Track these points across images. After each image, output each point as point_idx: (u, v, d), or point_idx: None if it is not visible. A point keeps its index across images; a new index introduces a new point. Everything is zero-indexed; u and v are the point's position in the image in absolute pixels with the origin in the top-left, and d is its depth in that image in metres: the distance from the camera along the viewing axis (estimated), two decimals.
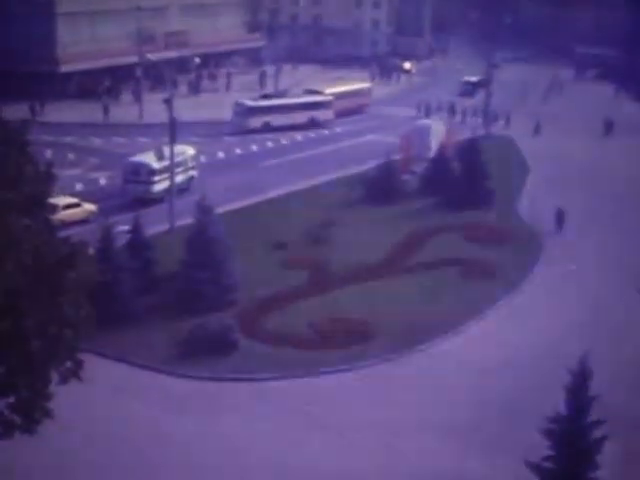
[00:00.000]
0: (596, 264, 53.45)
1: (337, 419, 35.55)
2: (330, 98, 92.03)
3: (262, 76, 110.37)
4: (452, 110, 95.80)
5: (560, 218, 58.15)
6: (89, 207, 56.48)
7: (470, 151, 65.29)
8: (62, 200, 53.34)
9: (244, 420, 35.28)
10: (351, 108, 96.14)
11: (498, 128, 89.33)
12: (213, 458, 32.72)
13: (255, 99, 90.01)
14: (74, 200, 56.16)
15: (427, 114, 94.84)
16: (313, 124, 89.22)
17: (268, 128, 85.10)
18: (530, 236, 57.65)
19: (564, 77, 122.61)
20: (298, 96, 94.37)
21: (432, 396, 37.65)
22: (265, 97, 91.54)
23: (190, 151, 65.44)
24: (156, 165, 59.64)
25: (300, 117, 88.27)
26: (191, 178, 64.25)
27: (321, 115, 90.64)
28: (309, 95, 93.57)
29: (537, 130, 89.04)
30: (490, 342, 42.71)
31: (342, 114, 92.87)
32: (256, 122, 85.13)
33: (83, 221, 54.54)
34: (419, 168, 69.47)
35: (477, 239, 55.86)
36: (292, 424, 35.09)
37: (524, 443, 30.46)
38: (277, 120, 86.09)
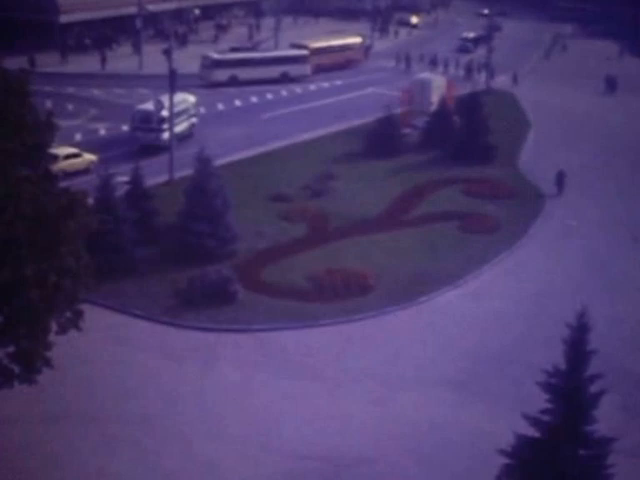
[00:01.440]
0: (595, 220, 53.47)
1: (335, 371, 35.71)
2: (305, 53, 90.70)
3: (251, 28, 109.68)
4: (434, 62, 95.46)
5: (560, 180, 57.68)
6: (89, 157, 56.45)
7: (471, 105, 65.03)
8: (63, 150, 53.42)
9: (243, 370, 35.46)
10: (340, 62, 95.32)
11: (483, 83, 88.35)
12: (212, 407, 32.91)
13: (223, 52, 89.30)
14: (74, 150, 56.21)
15: (407, 65, 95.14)
16: (286, 78, 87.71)
17: (235, 82, 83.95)
18: (530, 190, 57.54)
19: (566, 33, 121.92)
20: (269, 50, 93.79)
21: (431, 348, 37.78)
22: (235, 50, 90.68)
23: (191, 99, 66.38)
24: (166, 113, 59.58)
25: (271, 71, 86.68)
26: (193, 125, 65.20)
27: (295, 70, 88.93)
28: (285, 49, 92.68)
29: (515, 81, 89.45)
30: (489, 295, 42.82)
31: (330, 68, 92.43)
32: (222, 75, 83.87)
33: (84, 171, 54.53)
34: (420, 122, 69.19)
35: (477, 193, 55.85)
36: (290, 375, 35.25)
37: (522, 395, 30.64)
38: (244, 74, 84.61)
